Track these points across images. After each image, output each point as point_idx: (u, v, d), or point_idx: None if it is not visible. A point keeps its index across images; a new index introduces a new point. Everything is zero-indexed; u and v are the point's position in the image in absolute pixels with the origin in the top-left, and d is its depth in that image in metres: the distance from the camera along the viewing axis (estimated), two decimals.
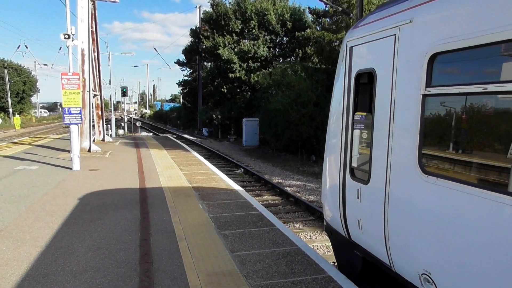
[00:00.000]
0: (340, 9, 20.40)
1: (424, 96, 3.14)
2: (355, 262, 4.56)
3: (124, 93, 33.85)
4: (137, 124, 34.61)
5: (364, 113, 4.16)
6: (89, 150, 15.89)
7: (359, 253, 4.38)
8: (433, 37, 3.08)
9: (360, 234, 4.21)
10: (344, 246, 4.76)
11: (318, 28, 29.52)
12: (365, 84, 4.20)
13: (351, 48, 4.40)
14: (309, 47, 27.93)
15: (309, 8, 29.96)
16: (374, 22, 4.03)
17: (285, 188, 12.15)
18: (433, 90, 3.08)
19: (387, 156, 3.59)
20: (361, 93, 4.26)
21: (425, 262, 3.17)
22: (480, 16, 2.68)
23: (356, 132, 4.26)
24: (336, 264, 5.45)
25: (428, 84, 3.12)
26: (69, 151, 12.98)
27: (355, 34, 4.35)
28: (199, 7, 37.01)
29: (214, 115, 31.47)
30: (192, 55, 37.97)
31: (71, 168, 11.65)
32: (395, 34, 3.56)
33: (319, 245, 7.66)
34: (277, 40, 31.40)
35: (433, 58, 3.08)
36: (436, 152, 3.24)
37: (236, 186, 9.44)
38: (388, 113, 3.60)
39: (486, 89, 2.64)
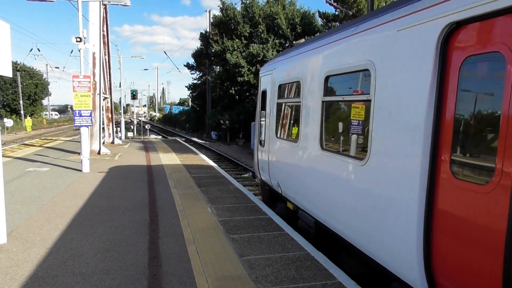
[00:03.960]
0: (350, 13, 20.36)
1: (276, 103, 7.34)
2: (266, 193, 8.63)
3: (133, 96, 34.19)
4: (146, 127, 34.70)
5: (264, 111, 8.23)
6: (98, 153, 16.01)
7: (266, 187, 8.38)
8: (279, 77, 7.26)
9: (263, 173, 8.39)
10: (262, 186, 9.06)
11: None
12: (265, 96, 8.21)
13: (260, 77, 8.74)
14: None
15: (319, 12, 29.90)
16: (268, 65, 8.42)
17: None
18: (278, 101, 7.29)
19: (269, 132, 7.72)
20: (264, 100, 8.27)
21: (278, 178, 7.26)
22: (288, 72, 6.87)
23: (262, 121, 8.36)
24: (263, 199, 8.99)
25: (278, 98, 7.30)
26: (79, 153, 13.11)
27: (262, 70, 8.73)
28: (209, 11, 37.21)
29: (221, 121, 31.44)
30: (202, 58, 38.10)
31: (81, 170, 11.74)
32: (271, 74, 7.77)
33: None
34: (287, 44, 31.35)
35: (279, 86, 7.23)
36: (280, 128, 7.21)
37: (245, 190, 9.41)
38: (269, 110, 7.77)
39: (288, 101, 6.95)
